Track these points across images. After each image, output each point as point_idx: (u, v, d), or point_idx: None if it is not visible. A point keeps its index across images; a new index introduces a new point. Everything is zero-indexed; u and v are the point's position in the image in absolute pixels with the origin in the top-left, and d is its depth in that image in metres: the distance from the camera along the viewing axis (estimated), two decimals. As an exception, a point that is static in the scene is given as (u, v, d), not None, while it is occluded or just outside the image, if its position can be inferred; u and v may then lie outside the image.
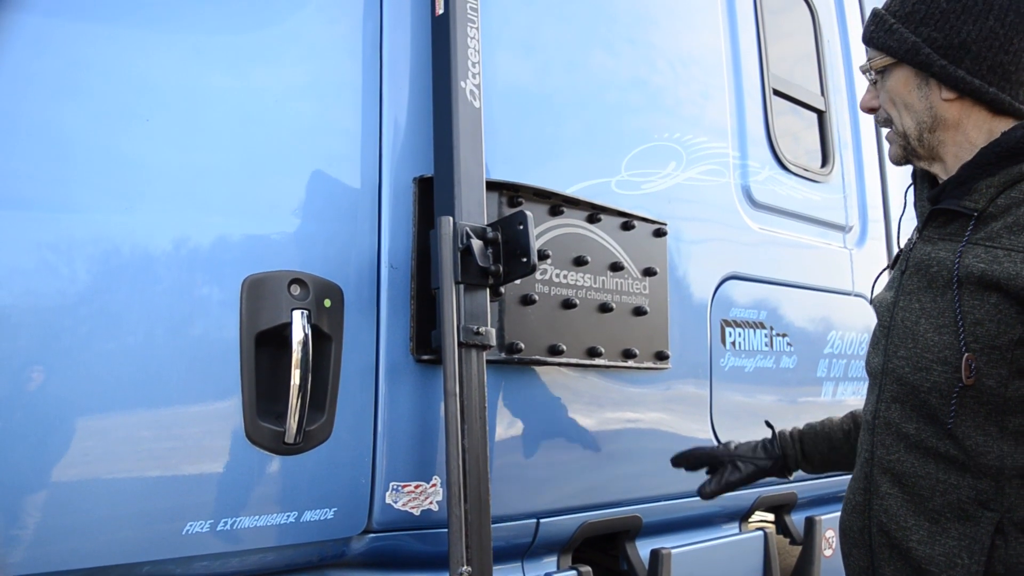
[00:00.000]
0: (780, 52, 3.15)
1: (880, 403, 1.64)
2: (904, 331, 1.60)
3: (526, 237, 1.86)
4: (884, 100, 1.69)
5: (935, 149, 1.64)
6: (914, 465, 1.57)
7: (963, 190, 1.56)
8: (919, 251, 1.63)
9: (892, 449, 1.61)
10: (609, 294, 2.29)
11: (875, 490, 1.63)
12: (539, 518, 2.17)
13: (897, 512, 1.59)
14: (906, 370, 1.58)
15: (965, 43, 1.55)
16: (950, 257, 1.54)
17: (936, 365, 1.52)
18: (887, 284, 1.75)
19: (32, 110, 1.50)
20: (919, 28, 1.59)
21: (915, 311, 1.59)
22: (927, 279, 1.58)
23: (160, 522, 1.58)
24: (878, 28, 1.66)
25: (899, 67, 1.64)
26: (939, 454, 1.53)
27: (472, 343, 1.84)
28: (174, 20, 1.68)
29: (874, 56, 1.68)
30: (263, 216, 1.73)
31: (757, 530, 2.84)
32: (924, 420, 1.55)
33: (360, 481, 1.83)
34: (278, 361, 1.69)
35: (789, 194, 3.04)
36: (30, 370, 1.46)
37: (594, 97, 2.38)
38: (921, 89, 1.62)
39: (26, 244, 1.47)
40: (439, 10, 1.98)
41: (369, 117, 1.90)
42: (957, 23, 1.56)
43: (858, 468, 1.71)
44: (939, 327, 1.53)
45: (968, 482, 1.50)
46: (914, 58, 1.60)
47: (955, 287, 1.50)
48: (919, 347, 1.56)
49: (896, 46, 1.62)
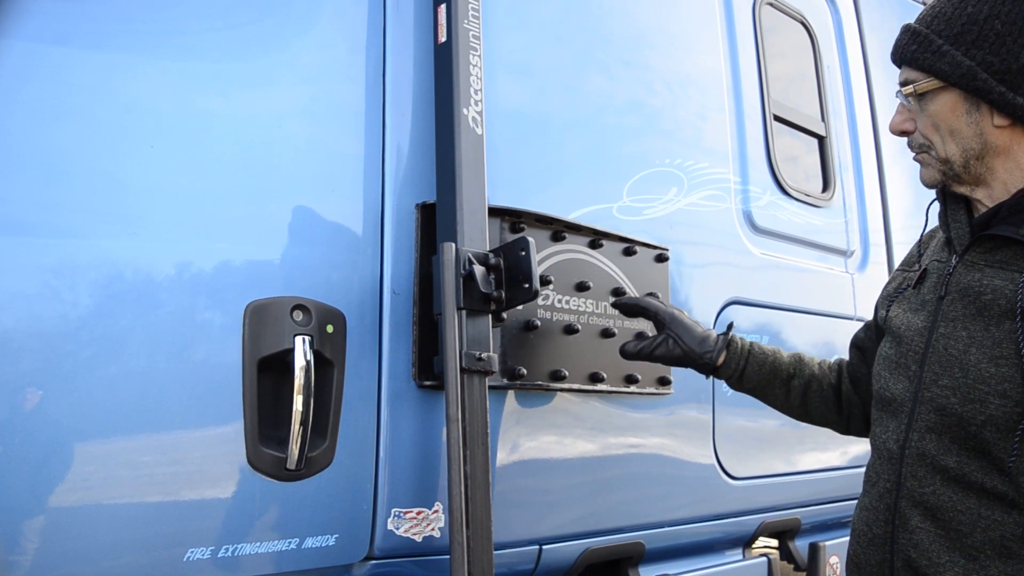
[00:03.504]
0: (780, 78, 3.17)
1: (912, 432, 1.57)
2: (948, 359, 1.54)
3: (528, 263, 1.86)
4: (924, 125, 1.60)
5: (982, 176, 1.57)
6: (952, 499, 1.51)
7: (1021, 218, 1.51)
8: (964, 277, 1.56)
9: (926, 482, 1.54)
10: (611, 319, 2.29)
11: (903, 523, 1.57)
12: (541, 544, 2.15)
13: (929, 547, 1.52)
14: (952, 400, 1.51)
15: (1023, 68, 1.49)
16: (1008, 286, 1.48)
17: (993, 398, 1.46)
18: (911, 306, 1.67)
19: (33, 136, 1.51)
20: (971, 51, 1.51)
21: (962, 339, 1.53)
22: (977, 307, 1.52)
23: (161, 548, 1.58)
24: (922, 48, 1.56)
25: (947, 91, 1.55)
26: (984, 489, 1.48)
27: (474, 369, 1.84)
28: (178, 47, 1.70)
29: (917, 78, 1.58)
30: (266, 242, 1.74)
31: (761, 556, 2.82)
32: (969, 453, 1.50)
33: (362, 507, 1.83)
34: (280, 387, 1.69)
35: (790, 219, 3.05)
36: (31, 394, 1.46)
37: (596, 123, 2.39)
38: (971, 115, 1.54)
39: (29, 268, 1.48)
40: (441, 38, 2.00)
41: (372, 143, 1.91)
42: (1015, 47, 1.49)
43: (874, 498, 1.65)
44: (995, 358, 1.47)
45: (1015, 519, 1.45)
46: (970, 83, 1.51)
47: (1019, 318, 1.44)
48: (970, 378, 1.49)
49: (948, 70, 1.53)
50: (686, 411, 2.54)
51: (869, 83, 3.63)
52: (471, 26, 2.01)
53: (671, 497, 2.51)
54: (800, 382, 1.98)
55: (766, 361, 1.99)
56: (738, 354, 1.99)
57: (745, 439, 2.75)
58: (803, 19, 3.35)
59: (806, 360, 2.02)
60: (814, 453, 3.03)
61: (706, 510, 2.63)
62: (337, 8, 1.91)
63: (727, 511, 2.70)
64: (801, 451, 3.00)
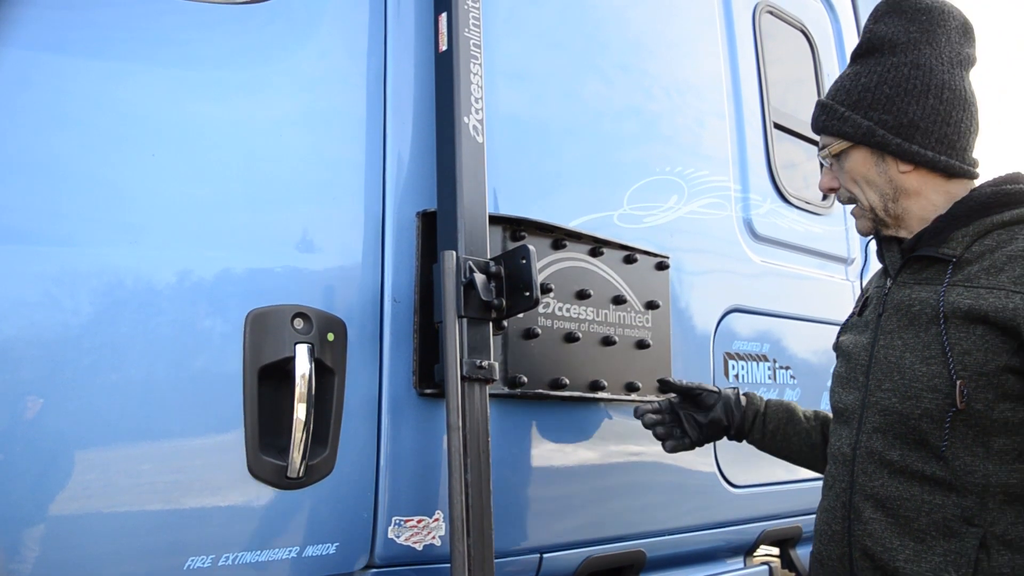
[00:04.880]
0: (780, 85, 3.18)
1: (861, 435, 1.77)
2: (888, 366, 1.73)
3: (529, 271, 1.86)
4: (845, 180, 1.86)
5: (901, 216, 1.81)
6: (898, 489, 1.68)
7: (940, 239, 1.73)
8: (897, 295, 1.79)
9: (875, 476, 1.72)
10: (612, 327, 2.30)
11: (857, 517, 1.74)
12: (542, 553, 2.15)
13: (882, 535, 1.69)
14: (893, 400, 1.70)
15: (913, 121, 1.75)
16: (932, 297, 1.69)
17: (926, 393, 1.64)
18: (857, 329, 1.90)
19: (33, 143, 1.52)
20: (869, 113, 1.78)
21: (898, 347, 1.73)
22: (908, 318, 1.73)
23: (161, 557, 1.57)
24: (830, 117, 1.84)
25: (856, 149, 1.82)
26: (924, 476, 1.65)
27: (475, 377, 1.84)
28: (179, 55, 1.70)
29: (830, 142, 1.86)
30: (267, 250, 1.74)
31: (762, 564, 2.82)
32: (910, 446, 1.68)
33: (362, 516, 1.82)
34: (281, 395, 1.69)
35: (791, 227, 3.05)
36: (32, 402, 1.45)
37: (597, 131, 2.39)
38: (879, 165, 1.80)
39: (29, 277, 1.48)
40: (442, 47, 2.01)
41: (373, 151, 1.92)
42: (903, 104, 1.75)
43: (831, 499, 1.83)
44: (926, 359, 1.66)
45: (953, 501, 1.62)
46: (871, 139, 1.78)
47: (941, 322, 1.64)
48: (906, 378, 1.68)
49: (852, 131, 1.80)
50: (687, 419, 2.54)
51: (869, 91, 3.63)
52: (472, 35, 2.01)
53: (672, 505, 2.51)
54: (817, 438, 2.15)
55: (777, 432, 2.18)
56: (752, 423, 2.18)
57: (746, 447, 2.74)
58: (803, 26, 3.36)
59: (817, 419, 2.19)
60: (815, 461, 3.02)
61: (707, 518, 2.63)
62: (338, 16, 1.92)
63: (728, 519, 2.70)
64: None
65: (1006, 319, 1.57)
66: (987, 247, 1.67)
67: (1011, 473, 1.59)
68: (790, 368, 2.96)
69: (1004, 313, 1.57)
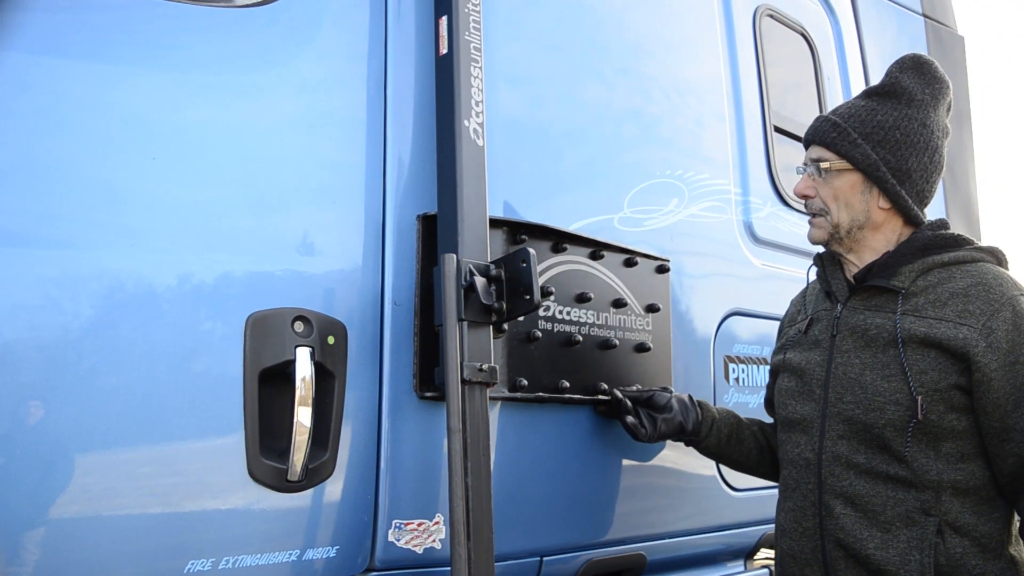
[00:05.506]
0: (780, 88, 3.18)
1: (825, 441, 1.98)
2: (848, 381, 1.96)
3: (529, 274, 1.86)
4: (825, 194, 2.03)
5: (858, 242, 2.03)
6: (865, 487, 1.91)
7: (889, 273, 1.96)
8: (850, 319, 2.00)
9: (843, 477, 1.94)
10: (612, 331, 2.29)
11: (828, 513, 1.96)
12: (543, 556, 2.15)
13: (852, 528, 1.92)
14: (856, 411, 1.93)
15: (908, 170, 1.97)
16: (888, 323, 1.93)
17: (889, 406, 1.88)
18: (805, 347, 2.09)
19: (33, 147, 1.52)
20: (877, 148, 1.97)
21: (856, 365, 1.95)
22: (865, 340, 1.96)
23: (162, 560, 1.57)
24: (841, 137, 2.00)
25: (852, 173, 1.99)
26: (888, 476, 1.89)
27: (475, 380, 1.84)
28: (180, 59, 1.70)
29: (831, 158, 2.01)
30: (267, 253, 1.74)
31: (763, 568, 2.81)
32: (874, 450, 1.91)
33: (363, 519, 1.82)
34: (281, 398, 1.69)
35: (791, 230, 3.05)
36: (32, 405, 1.45)
37: (598, 135, 2.39)
38: (864, 194, 2.00)
39: (29, 280, 1.48)
40: (443, 50, 2.01)
41: (373, 155, 1.92)
42: (905, 153, 1.97)
43: (798, 499, 2.03)
44: (887, 376, 1.90)
45: (913, 495, 1.87)
46: (873, 172, 1.97)
47: (900, 345, 1.89)
48: (868, 392, 1.92)
49: (860, 158, 1.97)
50: (687, 422, 2.53)
51: (869, 94, 3.63)
52: (472, 38, 2.01)
53: (672, 508, 2.50)
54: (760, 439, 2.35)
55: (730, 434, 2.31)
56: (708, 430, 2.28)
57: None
58: (803, 30, 3.36)
59: (757, 431, 2.36)
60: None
61: (707, 521, 2.63)
62: (338, 19, 1.92)
63: (728, 522, 2.70)
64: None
65: (957, 347, 1.84)
66: (930, 283, 1.93)
67: (957, 471, 1.87)
68: (790, 371, 2.95)
69: (955, 342, 1.84)
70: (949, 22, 4.20)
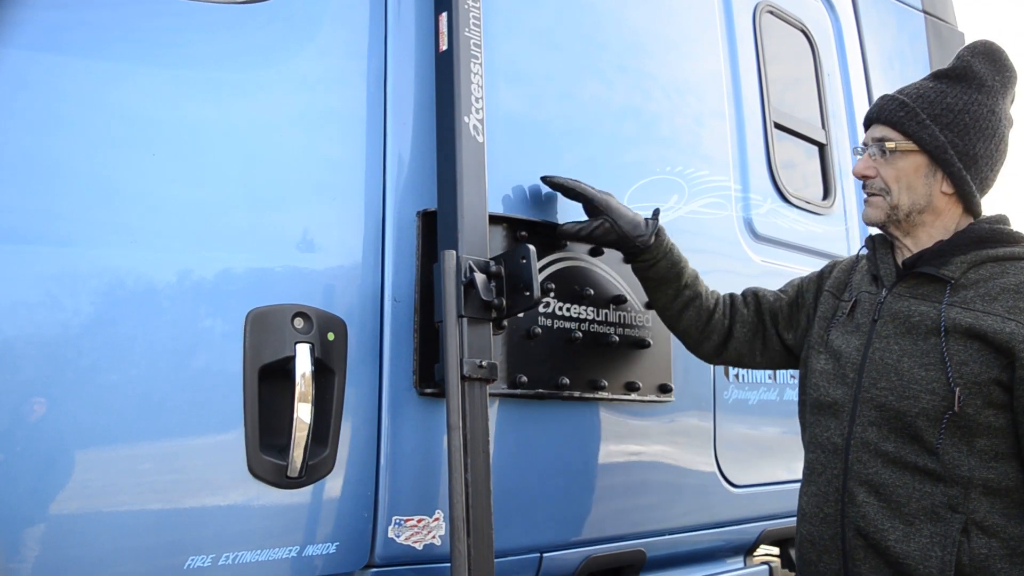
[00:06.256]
0: (780, 85, 3.18)
1: (854, 427, 1.92)
2: (884, 367, 1.90)
3: (529, 271, 1.87)
4: (887, 174, 1.96)
5: (915, 227, 1.97)
6: (891, 476, 1.86)
7: (941, 261, 1.90)
8: (893, 305, 1.94)
9: (870, 464, 1.89)
10: (612, 327, 2.30)
11: (851, 500, 1.90)
12: (542, 552, 2.15)
13: (875, 517, 1.86)
14: (890, 398, 1.87)
15: (975, 156, 1.92)
16: (932, 312, 1.87)
17: (924, 394, 1.83)
18: (847, 330, 2.02)
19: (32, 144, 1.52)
20: (945, 131, 1.91)
21: (895, 352, 1.89)
22: (906, 327, 1.90)
23: (162, 556, 1.58)
24: (909, 117, 1.93)
25: (917, 154, 1.93)
26: (917, 467, 1.84)
27: (475, 376, 1.84)
28: (179, 56, 1.70)
29: (897, 138, 1.94)
30: (267, 249, 1.74)
31: (762, 564, 2.82)
32: (904, 439, 1.85)
33: (362, 515, 1.82)
34: (281, 394, 1.69)
35: (791, 226, 3.05)
36: (32, 402, 1.46)
37: (598, 132, 2.39)
38: (928, 178, 1.93)
39: (30, 277, 1.48)
40: (443, 47, 2.01)
41: (373, 151, 1.92)
42: (973, 138, 1.91)
43: (822, 484, 1.98)
44: (925, 365, 1.84)
45: (941, 490, 1.82)
46: (940, 156, 1.91)
47: (942, 335, 1.83)
48: (904, 380, 1.86)
49: (928, 140, 1.91)
50: (687, 418, 2.54)
51: (869, 90, 3.63)
52: (472, 34, 2.01)
53: (672, 505, 2.51)
54: (688, 294, 2.25)
55: (675, 265, 2.22)
56: (663, 248, 2.20)
57: (746, 446, 2.75)
58: (803, 26, 3.36)
59: (699, 282, 2.29)
60: (815, 460, 3.02)
61: (707, 518, 2.63)
62: (338, 16, 1.92)
63: (728, 519, 2.70)
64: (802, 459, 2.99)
65: (1002, 340, 1.78)
66: (981, 276, 1.87)
67: (989, 469, 1.81)
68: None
69: (1001, 335, 1.78)
70: (949, 18, 4.20)
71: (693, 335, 2.28)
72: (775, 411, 2.88)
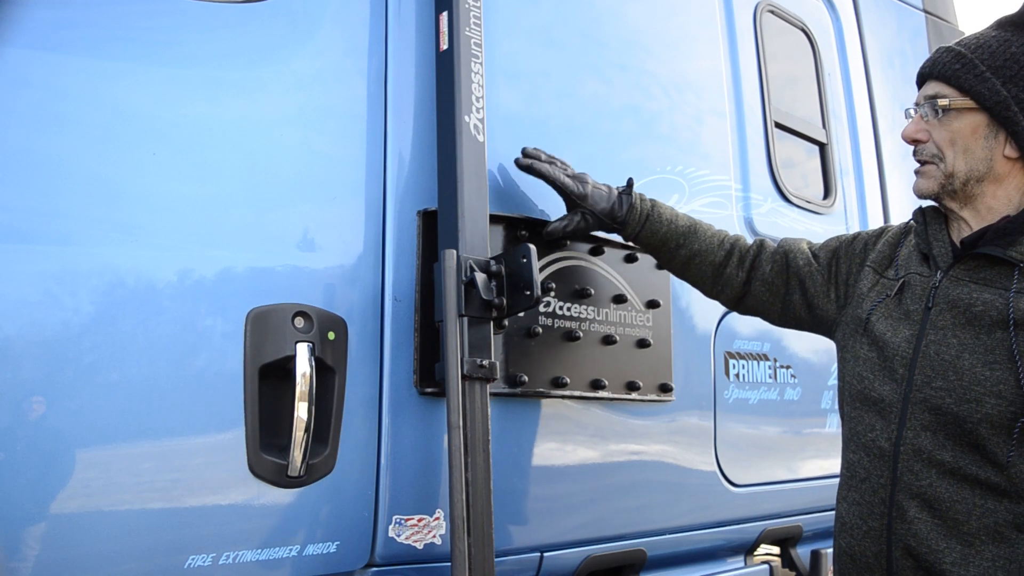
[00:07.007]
0: (781, 84, 3.17)
1: (905, 431, 1.69)
2: (941, 363, 1.66)
3: (529, 270, 1.86)
4: (941, 137, 1.71)
5: (974, 197, 1.70)
6: (948, 490, 1.63)
7: (1007, 241, 1.64)
8: (951, 290, 1.69)
9: (923, 475, 1.66)
10: (612, 326, 2.29)
11: (900, 515, 1.68)
12: (543, 551, 2.15)
13: (928, 536, 1.64)
14: (947, 400, 1.63)
15: None
16: (999, 300, 1.62)
17: (989, 398, 1.59)
18: (894, 315, 1.77)
19: (33, 143, 1.52)
20: (1008, 85, 1.65)
21: (954, 346, 1.65)
22: (967, 317, 1.65)
23: (162, 555, 1.58)
24: (966, 70, 1.69)
25: (975, 113, 1.68)
26: (978, 480, 1.61)
27: (476, 376, 1.84)
28: (180, 55, 1.70)
29: (951, 95, 1.70)
30: (267, 249, 1.74)
31: (763, 563, 2.82)
32: (963, 448, 1.62)
33: (363, 514, 1.82)
34: (281, 393, 1.69)
35: (792, 226, 3.05)
36: (32, 401, 1.46)
37: (598, 131, 2.39)
38: (988, 140, 1.68)
39: (30, 276, 1.48)
40: (443, 46, 2.01)
41: (373, 150, 1.92)
42: None
43: (866, 493, 1.75)
44: (989, 363, 1.60)
45: (1006, 507, 1.59)
46: (1002, 112, 1.65)
47: (1011, 328, 1.58)
48: (964, 380, 1.62)
49: (987, 94, 1.66)
50: (687, 418, 2.54)
51: (870, 90, 3.63)
52: (472, 34, 2.01)
53: (672, 504, 2.50)
54: (684, 253, 2.11)
55: (659, 231, 2.09)
56: (637, 221, 2.09)
57: (747, 446, 2.74)
58: (803, 25, 3.36)
59: (699, 233, 2.12)
60: (816, 460, 3.03)
61: (707, 517, 2.63)
62: (338, 15, 1.92)
63: (729, 518, 2.70)
64: (803, 458, 3.00)
65: None
66: None
67: None
68: (791, 367, 2.95)
69: None
70: (950, 18, 4.20)
71: (704, 288, 2.16)
72: (775, 411, 2.88)
